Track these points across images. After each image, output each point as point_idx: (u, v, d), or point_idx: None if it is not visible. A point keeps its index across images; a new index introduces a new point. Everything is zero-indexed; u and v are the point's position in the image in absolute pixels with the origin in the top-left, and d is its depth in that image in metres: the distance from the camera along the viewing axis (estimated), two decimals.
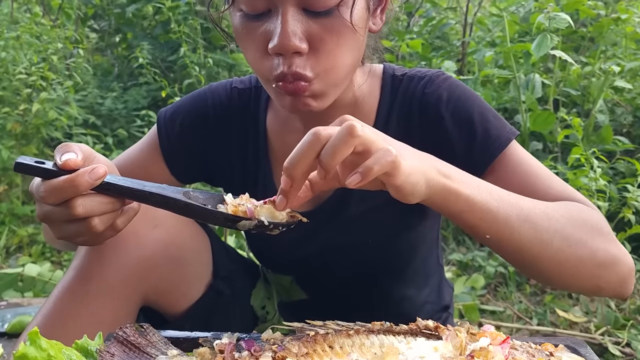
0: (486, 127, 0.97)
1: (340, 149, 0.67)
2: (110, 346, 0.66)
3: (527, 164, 0.95)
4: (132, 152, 1.15)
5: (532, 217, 0.80)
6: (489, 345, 0.58)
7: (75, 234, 0.78)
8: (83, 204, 0.74)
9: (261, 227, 0.77)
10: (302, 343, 0.68)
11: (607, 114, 2.60)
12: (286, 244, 1.12)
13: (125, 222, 0.82)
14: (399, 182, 0.70)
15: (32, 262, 2.14)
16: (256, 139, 1.10)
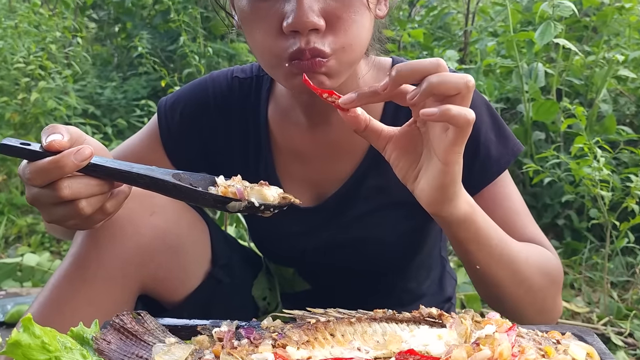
0: (489, 148, 0.99)
1: (451, 85, 0.68)
2: (107, 334, 0.64)
3: (512, 200, 1.00)
4: (132, 142, 1.13)
5: (516, 261, 0.89)
6: (494, 332, 0.56)
7: (64, 217, 0.76)
8: (69, 185, 0.73)
9: (252, 209, 0.75)
10: (303, 331, 0.66)
11: (610, 103, 2.57)
12: (288, 237, 1.11)
13: (116, 206, 0.80)
14: (457, 149, 0.72)
15: (31, 252, 2.13)
16: (257, 130, 1.08)
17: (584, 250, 2.21)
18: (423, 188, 0.78)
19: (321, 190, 1.07)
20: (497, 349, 0.52)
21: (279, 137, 1.08)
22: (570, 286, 2.09)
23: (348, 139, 1.03)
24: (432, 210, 0.80)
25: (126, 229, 0.93)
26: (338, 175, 1.05)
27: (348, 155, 1.05)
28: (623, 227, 1.86)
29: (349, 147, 1.04)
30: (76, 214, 0.75)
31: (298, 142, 1.06)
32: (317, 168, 1.06)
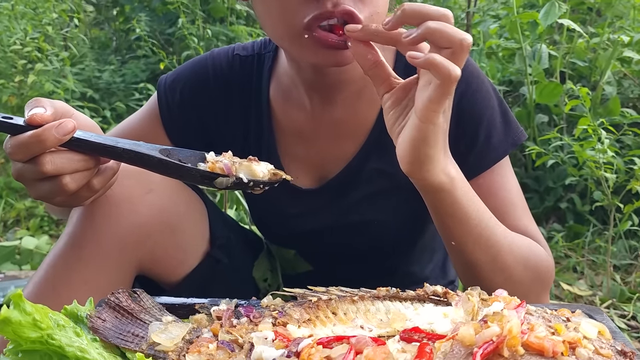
0: (490, 134, 0.96)
1: (446, 35, 0.67)
2: (102, 312, 0.62)
3: (508, 190, 0.97)
4: (132, 121, 1.10)
5: (497, 246, 0.84)
6: (503, 309, 0.54)
7: (49, 193, 0.74)
8: (52, 160, 0.70)
9: (240, 185, 0.73)
10: (304, 309, 0.64)
11: (614, 85, 2.54)
12: (289, 219, 1.09)
13: (103, 183, 0.78)
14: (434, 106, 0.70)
15: (29, 235, 2.11)
16: (259, 108, 1.06)
17: (587, 234, 2.20)
18: (400, 143, 0.76)
19: (323, 171, 1.05)
20: (506, 326, 0.50)
21: (281, 116, 1.05)
22: (573, 269, 2.08)
23: (351, 119, 1.01)
24: (406, 170, 0.77)
25: (122, 207, 0.91)
26: (341, 157, 1.03)
27: (351, 136, 1.02)
28: (627, 209, 1.84)
29: (352, 128, 1.02)
30: (60, 190, 0.72)
31: (300, 122, 1.04)
32: (319, 149, 1.04)
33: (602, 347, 0.54)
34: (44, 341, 0.54)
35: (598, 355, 0.53)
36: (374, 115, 1.01)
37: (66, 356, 0.55)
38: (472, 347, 0.50)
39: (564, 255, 2.15)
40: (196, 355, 0.57)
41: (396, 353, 0.53)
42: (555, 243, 2.16)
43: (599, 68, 2.65)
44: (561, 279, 1.96)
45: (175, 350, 0.58)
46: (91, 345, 0.57)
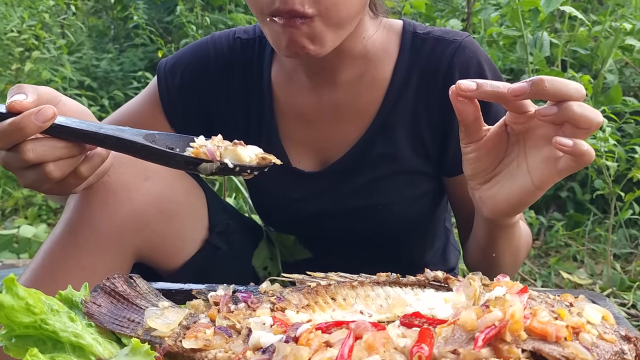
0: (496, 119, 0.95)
1: (588, 120, 0.64)
2: (97, 297, 0.61)
3: None
4: (131, 106, 1.09)
5: (520, 249, 0.95)
6: (505, 294, 0.53)
7: (36, 181, 0.72)
8: (33, 148, 0.69)
9: (226, 171, 0.71)
10: (303, 294, 0.63)
11: (616, 74, 2.52)
12: (290, 203, 1.08)
13: (91, 170, 0.76)
14: (559, 179, 0.73)
15: (27, 224, 2.10)
16: (260, 91, 1.04)
17: (587, 223, 2.19)
18: (495, 196, 0.75)
19: (326, 155, 1.03)
20: (508, 311, 0.49)
21: (283, 99, 1.03)
22: (573, 258, 2.07)
23: (354, 101, 1.00)
24: (492, 217, 0.79)
25: (119, 194, 0.89)
26: (344, 140, 1.02)
27: (355, 118, 1.01)
28: (628, 197, 1.83)
29: (355, 111, 1.00)
30: (45, 178, 0.71)
31: (302, 105, 1.02)
32: (321, 132, 1.02)
33: (606, 332, 0.53)
34: (38, 326, 0.53)
35: (602, 340, 0.52)
36: (379, 98, 0.99)
37: (60, 341, 0.54)
38: (474, 332, 0.49)
39: (564, 244, 2.15)
40: (193, 341, 0.56)
41: (396, 338, 0.52)
42: (556, 232, 2.15)
43: (600, 56, 2.63)
44: (561, 267, 1.95)
45: (171, 335, 0.57)
46: (86, 330, 0.56)
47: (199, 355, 0.56)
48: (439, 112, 0.97)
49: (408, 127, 0.99)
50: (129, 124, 1.05)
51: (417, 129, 0.99)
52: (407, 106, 0.98)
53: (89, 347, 0.54)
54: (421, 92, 0.98)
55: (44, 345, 0.54)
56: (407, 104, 0.98)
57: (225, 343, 0.56)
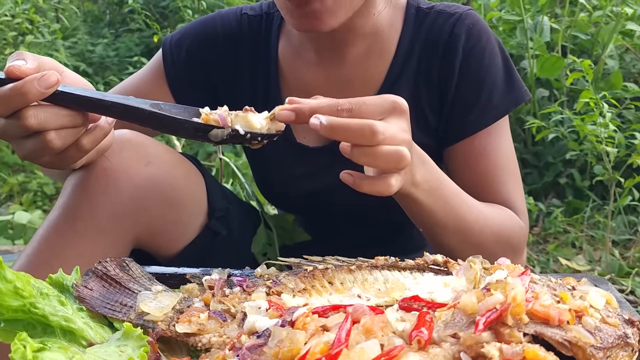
0: (492, 92, 0.96)
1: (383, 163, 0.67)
2: (89, 281, 0.60)
3: (500, 153, 0.97)
4: (135, 80, 1.07)
5: (466, 230, 0.87)
6: (506, 277, 0.52)
7: (34, 151, 0.69)
8: (35, 114, 0.65)
9: (237, 138, 0.68)
10: (300, 278, 0.62)
11: (617, 59, 2.50)
12: (293, 179, 1.07)
13: (93, 142, 0.73)
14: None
15: (22, 210, 2.08)
16: (267, 67, 1.04)
17: (586, 209, 2.18)
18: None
19: None
20: (510, 294, 0.48)
21: (290, 74, 1.03)
22: (572, 245, 2.07)
23: (361, 76, 0.99)
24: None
25: (120, 180, 0.88)
26: None
27: (360, 92, 1.00)
28: (628, 183, 1.82)
29: (361, 85, 1.00)
30: (46, 147, 0.68)
31: (309, 80, 1.02)
32: None
33: (609, 315, 0.52)
34: (27, 310, 0.52)
35: (605, 324, 0.51)
36: (384, 72, 0.99)
37: (50, 326, 0.52)
38: (475, 316, 0.47)
39: (563, 231, 2.14)
40: (186, 325, 0.54)
41: (395, 322, 0.50)
42: (554, 218, 2.14)
43: (601, 42, 2.60)
44: (560, 254, 1.95)
45: (164, 320, 0.56)
46: (77, 314, 0.55)
47: (192, 340, 0.54)
48: (437, 82, 0.98)
49: (410, 99, 0.99)
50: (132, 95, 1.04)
51: (418, 101, 0.99)
52: (409, 78, 0.99)
53: (79, 332, 0.53)
54: (422, 63, 0.98)
55: (33, 330, 0.52)
56: (409, 76, 0.99)
57: (220, 327, 0.55)
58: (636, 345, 0.52)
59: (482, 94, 0.96)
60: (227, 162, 1.44)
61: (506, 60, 0.99)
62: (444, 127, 1.00)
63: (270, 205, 2.04)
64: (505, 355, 0.43)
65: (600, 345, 0.48)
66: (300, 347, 0.46)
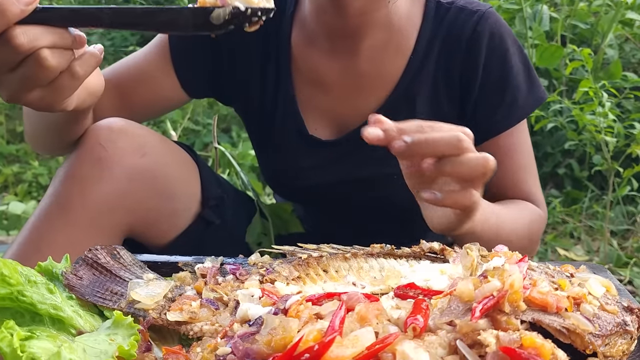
0: (516, 94, 0.97)
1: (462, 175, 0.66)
2: (78, 269, 0.59)
3: (523, 151, 1.01)
4: (136, 58, 1.02)
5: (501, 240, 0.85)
6: (504, 264, 0.51)
7: (25, 81, 0.62)
8: (24, 31, 0.59)
9: (238, 16, 0.63)
10: (294, 266, 0.61)
11: (616, 49, 2.48)
12: (304, 170, 1.05)
13: (86, 69, 0.66)
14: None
15: (17, 200, 2.07)
16: (278, 54, 1.01)
17: (584, 199, 2.17)
18: (430, 217, 0.76)
19: (343, 123, 1.01)
20: (507, 281, 0.47)
21: (302, 63, 1.00)
22: (570, 235, 2.06)
23: (377, 70, 0.97)
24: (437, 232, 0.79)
25: (115, 170, 0.86)
26: (363, 109, 0.99)
27: (376, 87, 0.99)
28: (627, 173, 1.81)
29: (377, 79, 0.98)
30: (40, 68, 0.61)
31: (322, 70, 0.99)
32: (340, 99, 1.00)
33: (608, 303, 0.51)
34: (14, 298, 0.51)
35: (603, 311, 0.50)
36: (402, 67, 0.97)
37: (38, 314, 0.51)
38: (471, 303, 0.47)
39: (561, 221, 2.13)
40: (178, 313, 0.53)
41: (390, 310, 0.50)
42: (553, 209, 2.13)
43: (600, 31, 2.58)
44: (558, 244, 1.94)
45: (156, 308, 0.55)
46: (66, 302, 0.54)
47: (184, 328, 0.53)
48: (459, 80, 0.97)
49: (428, 96, 0.98)
50: (135, 78, 1.01)
51: (436, 98, 0.98)
52: (429, 75, 0.97)
53: (69, 320, 0.52)
54: (442, 60, 0.97)
55: (21, 318, 0.51)
56: (429, 73, 0.97)
57: (212, 315, 0.54)
58: (635, 333, 0.51)
59: (506, 94, 0.96)
60: (223, 151, 1.42)
61: (525, 60, 0.99)
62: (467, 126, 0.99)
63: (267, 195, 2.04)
64: (502, 343, 0.43)
65: (598, 333, 0.48)
66: (293, 335, 0.45)
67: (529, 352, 0.42)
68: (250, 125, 1.12)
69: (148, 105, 1.04)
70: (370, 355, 0.43)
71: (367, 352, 0.43)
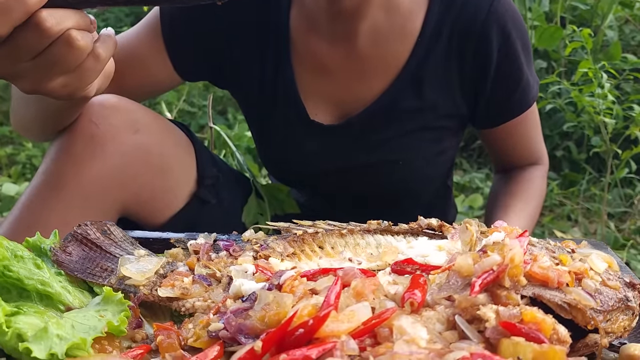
0: (528, 77, 0.99)
1: None
2: (67, 245, 0.57)
3: (536, 126, 1.07)
4: (128, 40, 0.98)
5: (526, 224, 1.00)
6: (504, 239, 0.50)
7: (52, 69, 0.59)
8: (51, 14, 0.56)
9: None
10: (288, 242, 0.60)
11: (616, 30, 2.46)
12: (304, 155, 1.03)
13: (107, 51, 0.64)
14: None
15: (11, 182, 2.05)
16: (278, 38, 0.97)
17: (582, 182, 2.16)
18: None
19: (345, 108, 0.99)
20: (507, 255, 0.45)
21: (302, 47, 0.97)
22: (567, 218, 2.06)
23: (381, 53, 0.95)
24: None
25: (108, 147, 0.85)
26: (366, 94, 0.97)
27: (379, 71, 0.96)
28: (625, 155, 1.79)
29: (381, 63, 0.95)
30: (69, 53, 0.58)
31: (322, 54, 0.96)
32: (342, 83, 0.97)
33: (610, 278, 0.50)
34: (0, 273, 0.49)
35: (605, 286, 0.49)
36: (407, 50, 0.95)
37: (26, 289, 0.50)
38: (470, 278, 0.45)
39: (559, 204, 2.13)
40: (169, 289, 0.52)
41: (387, 285, 0.48)
42: (550, 191, 2.12)
43: (600, 13, 2.55)
44: (555, 226, 1.93)
45: (147, 284, 0.54)
46: (54, 278, 0.52)
47: (175, 304, 0.52)
48: (472, 67, 0.95)
49: (438, 82, 0.96)
50: (123, 59, 0.97)
51: (447, 84, 0.96)
52: (438, 60, 0.95)
53: (57, 296, 0.51)
54: (453, 45, 0.94)
55: (8, 294, 0.50)
56: (438, 58, 0.95)
57: (204, 292, 0.53)
58: (637, 309, 0.50)
59: (522, 77, 0.97)
60: (218, 131, 1.40)
61: (528, 41, 1.00)
62: (482, 110, 1.00)
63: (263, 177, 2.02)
64: (502, 318, 0.41)
65: (600, 308, 0.47)
66: (288, 311, 0.44)
67: (529, 327, 0.41)
68: (248, 110, 1.09)
69: (139, 88, 1.00)
70: (367, 330, 0.42)
71: (363, 327, 0.42)
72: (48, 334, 0.44)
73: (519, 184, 1.06)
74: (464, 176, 2.31)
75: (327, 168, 1.03)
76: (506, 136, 1.05)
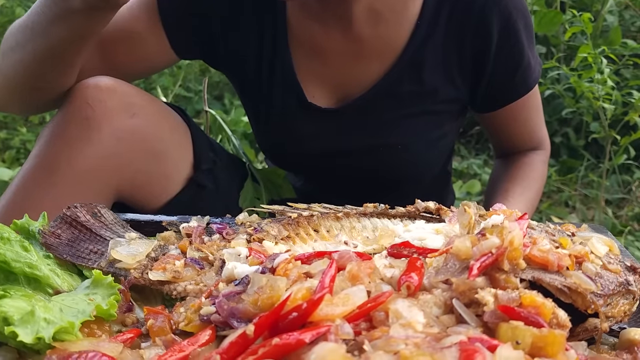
0: (529, 57, 0.97)
1: None
2: (57, 227, 0.56)
3: (538, 108, 1.06)
4: (122, 14, 0.93)
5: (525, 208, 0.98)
6: (503, 221, 0.48)
7: None
8: None
9: None
10: (283, 225, 0.58)
11: (616, 15, 2.44)
12: (302, 138, 1.02)
13: None
14: None
15: (5, 167, 2.03)
16: (274, 22, 0.95)
17: (580, 168, 2.16)
18: None
19: (344, 91, 0.97)
20: (506, 238, 0.44)
21: (299, 30, 0.95)
22: (565, 204, 2.05)
23: (379, 36, 0.93)
24: None
25: (103, 130, 0.83)
26: (365, 77, 0.95)
27: (378, 54, 0.94)
28: (624, 141, 1.78)
29: (378, 46, 0.94)
30: None
31: (319, 37, 0.94)
32: (340, 67, 0.96)
33: (611, 262, 0.49)
34: None
35: (606, 270, 0.48)
36: (406, 33, 0.93)
37: (13, 272, 0.49)
38: (469, 261, 0.44)
39: (557, 190, 2.12)
40: (160, 273, 0.51)
41: (383, 269, 0.47)
42: (548, 177, 2.12)
43: None
44: (553, 213, 1.93)
45: (137, 267, 0.53)
46: (42, 261, 0.51)
47: (167, 288, 0.51)
48: (472, 48, 0.93)
49: (437, 65, 0.95)
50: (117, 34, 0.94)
51: (447, 67, 0.95)
52: (437, 43, 0.93)
53: (45, 279, 0.49)
54: (452, 28, 0.93)
55: None
56: (437, 41, 0.93)
57: (197, 275, 0.52)
58: (637, 293, 0.49)
59: (523, 57, 0.95)
60: (214, 115, 1.38)
61: (531, 22, 0.98)
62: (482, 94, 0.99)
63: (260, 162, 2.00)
64: (501, 302, 0.40)
65: (600, 292, 0.46)
66: (281, 294, 0.43)
67: (528, 311, 0.40)
68: (245, 93, 1.07)
69: (133, 65, 0.98)
70: (362, 314, 0.41)
71: (358, 311, 0.41)
72: (35, 318, 0.43)
73: (519, 168, 1.05)
74: (462, 162, 2.30)
75: (325, 151, 1.02)
76: (507, 120, 1.04)
